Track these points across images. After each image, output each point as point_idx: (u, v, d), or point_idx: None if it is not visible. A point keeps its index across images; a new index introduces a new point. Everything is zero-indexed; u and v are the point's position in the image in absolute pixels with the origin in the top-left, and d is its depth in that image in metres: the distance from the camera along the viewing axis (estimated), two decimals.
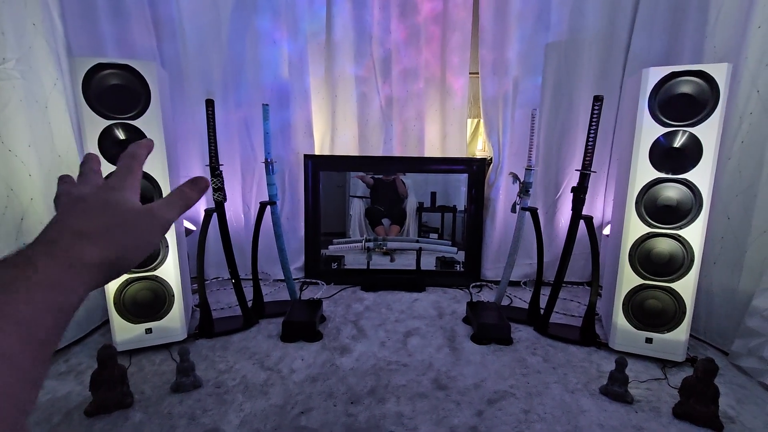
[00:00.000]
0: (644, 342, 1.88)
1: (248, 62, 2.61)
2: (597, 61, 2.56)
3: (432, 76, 2.76)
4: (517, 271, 2.80)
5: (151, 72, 1.75)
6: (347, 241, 2.96)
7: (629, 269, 1.86)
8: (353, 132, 2.80)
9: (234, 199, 2.79)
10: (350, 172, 3.02)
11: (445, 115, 2.82)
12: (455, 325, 2.24)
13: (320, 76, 2.73)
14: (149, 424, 1.46)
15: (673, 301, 1.81)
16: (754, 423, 1.50)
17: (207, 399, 1.60)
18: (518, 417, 1.51)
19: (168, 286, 1.90)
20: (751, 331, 1.80)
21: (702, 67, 1.66)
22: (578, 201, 2.01)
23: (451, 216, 3.01)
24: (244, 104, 2.66)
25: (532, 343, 2.05)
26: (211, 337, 2.04)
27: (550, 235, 2.79)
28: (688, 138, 1.71)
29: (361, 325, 2.23)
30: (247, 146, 2.72)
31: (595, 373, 1.80)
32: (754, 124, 1.85)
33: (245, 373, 1.76)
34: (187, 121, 2.60)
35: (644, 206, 1.81)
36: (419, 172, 2.96)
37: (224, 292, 2.66)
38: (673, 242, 1.79)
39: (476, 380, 1.74)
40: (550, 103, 2.64)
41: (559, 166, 2.73)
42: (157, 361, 1.85)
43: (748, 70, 1.85)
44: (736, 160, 1.92)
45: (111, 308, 1.83)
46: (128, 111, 1.74)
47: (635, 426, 1.47)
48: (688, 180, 1.73)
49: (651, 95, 1.74)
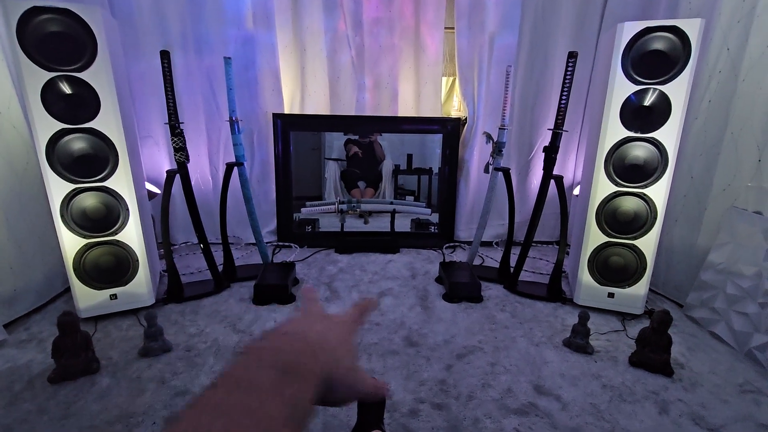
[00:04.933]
0: (606, 297, 1.96)
1: (209, 12, 2.42)
2: (574, 16, 2.50)
3: (406, 30, 2.64)
4: (490, 231, 2.84)
5: (95, 18, 1.59)
6: (320, 204, 2.92)
7: (596, 228, 1.90)
8: (324, 90, 2.69)
9: (200, 161, 2.67)
10: (325, 133, 2.93)
11: (419, 72, 2.72)
12: (428, 285, 2.27)
13: (288, 29, 2.56)
14: (117, 388, 1.44)
15: (635, 257, 1.87)
16: (701, 368, 1.60)
17: (177, 362, 1.58)
18: (485, 369, 1.57)
19: (131, 250, 1.83)
20: (705, 285, 1.90)
21: (675, 22, 1.63)
22: (549, 161, 2.01)
23: (428, 178, 3.00)
24: (206, 58, 2.49)
25: (501, 301, 2.11)
26: (181, 302, 2.01)
27: (523, 195, 2.83)
28: (658, 96, 1.71)
29: (334, 286, 2.24)
30: (211, 104, 2.57)
31: (560, 326, 1.88)
32: (722, 83, 1.86)
33: (216, 336, 1.75)
34: (145, 77, 2.43)
35: (613, 165, 1.83)
36: (392, 132, 2.90)
37: (194, 256, 2.60)
38: (639, 201, 1.83)
39: (446, 337, 1.78)
40: (525, 60, 2.59)
41: (533, 125, 2.72)
42: (125, 326, 1.81)
43: (721, 27, 1.84)
44: (703, 120, 1.94)
45: (71, 274, 1.76)
46: (73, 62, 1.59)
47: (594, 374, 1.56)
48: (656, 139, 1.75)
49: (624, 51, 1.71)
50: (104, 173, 1.73)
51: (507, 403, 1.40)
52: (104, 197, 1.74)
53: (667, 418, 1.35)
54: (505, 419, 1.33)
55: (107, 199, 1.75)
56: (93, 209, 1.73)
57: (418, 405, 1.38)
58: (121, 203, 1.77)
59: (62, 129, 1.63)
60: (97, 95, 1.64)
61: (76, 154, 1.66)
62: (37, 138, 1.61)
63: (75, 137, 1.66)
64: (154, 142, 2.59)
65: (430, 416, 1.34)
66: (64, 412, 1.32)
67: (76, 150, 1.66)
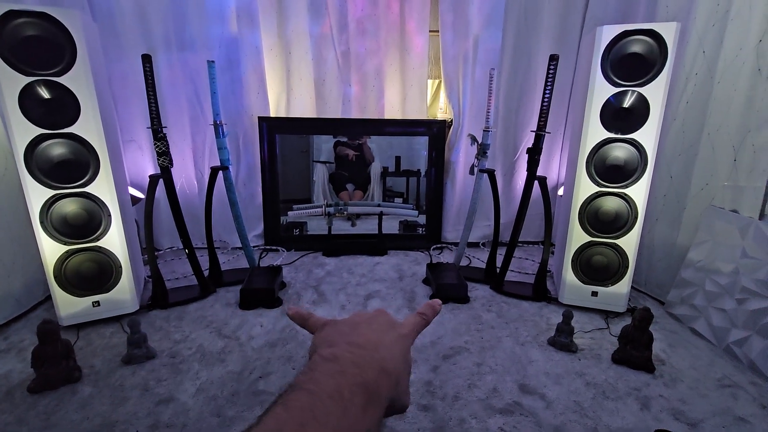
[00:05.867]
0: (590, 295, 1.99)
1: (192, 14, 2.40)
2: (556, 20, 2.54)
3: (391, 33, 2.65)
4: (477, 232, 2.87)
5: (74, 21, 1.57)
6: (307, 207, 2.91)
7: (578, 227, 1.93)
8: (310, 92, 2.68)
9: (185, 165, 2.65)
10: (313, 136, 2.92)
11: (405, 75, 2.74)
12: (415, 287, 2.28)
13: (272, 31, 2.56)
14: (99, 396, 1.42)
15: (618, 256, 1.91)
16: (682, 364, 1.64)
17: (161, 369, 1.56)
18: (471, 370, 1.59)
19: (113, 256, 1.80)
20: (685, 282, 1.94)
21: (652, 26, 1.67)
22: (533, 162, 2.04)
23: (416, 180, 3.01)
24: (189, 61, 2.47)
25: (487, 301, 2.13)
26: (166, 308, 1.99)
27: (508, 196, 2.85)
28: (636, 98, 1.75)
29: (322, 289, 2.23)
30: (196, 107, 2.55)
31: (545, 326, 1.90)
32: (699, 85, 1.91)
33: (201, 342, 1.73)
34: (128, 80, 2.40)
35: (594, 166, 1.86)
36: (379, 134, 2.90)
37: (180, 261, 2.57)
38: (620, 201, 1.86)
39: (433, 338, 1.79)
40: (509, 63, 2.62)
41: (518, 127, 2.75)
42: (108, 334, 1.79)
43: (696, 31, 1.88)
44: (681, 121, 1.99)
45: (52, 282, 1.72)
46: (51, 66, 1.57)
47: (578, 372, 1.58)
48: (635, 140, 1.78)
49: (604, 54, 1.75)
50: (85, 179, 1.70)
51: (492, 402, 1.42)
52: (85, 203, 1.72)
53: (649, 414, 1.38)
54: (491, 419, 1.34)
55: (88, 204, 1.72)
56: (74, 215, 1.70)
57: None
58: (102, 209, 1.75)
59: (41, 134, 1.60)
60: (77, 99, 1.62)
61: (55, 159, 1.64)
62: (15, 143, 1.58)
63: (54, 142, 1.63)
64: (137, 146, 2.56)
65: (416, 418, 1.35)
66: (44, 422, 1.30)
67: (55, 155, 1.64)
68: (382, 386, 0.34)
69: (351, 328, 0.39)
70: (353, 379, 0.32)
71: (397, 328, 0.41)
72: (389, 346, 0.37)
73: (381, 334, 0.39)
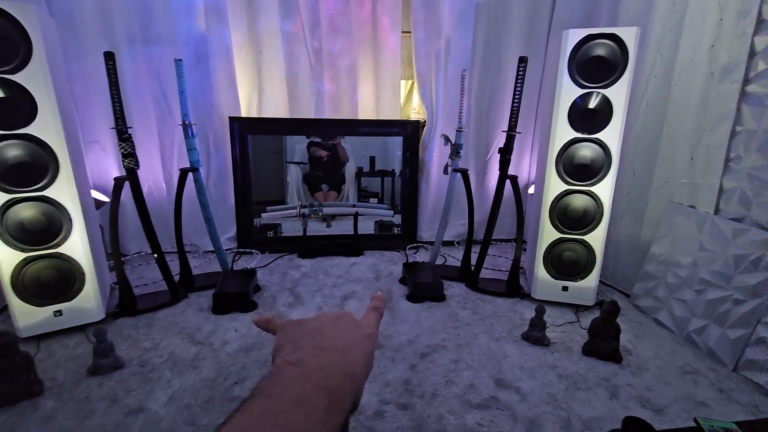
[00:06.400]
0: (561, 290, 2.05)
1: (157, 9, 2.32)
2: (524, 22, 2.60)
3: (364, 31, 2.65)
4: (451, 231, 2.91)
5: (29, 17, 1.48)
6: (281, 208, 2.87)
7: (549, 224, 1.99)
8: (282, 91, 2.64)
9: (153, 167, 2.55)
10: (286, 136, 2.88)
11: (378, 75, 2.74)
12: (392, 286, 2.29)
13: (243, 28, 2.50)
14: (63, 410, 1.35)
15: (586, 251, 1.98)
16: (647, 353, 1.72)
17: (130, 379, 1.50)
18: (448, 367, 1.61)
19: (76, 263, 1.72)
20: (648, 275, 2.03)
21: (614, 30, 1.74)
22: (504, 161, 2.08)
23: (390, 180, 3.01)
24: (155, 57, 2.38)
25: (463, 299, 2.16)
26: (134, 315, 1.91)
27: (481, 195, 2.91)
28: (601, 100, 1.82)
29: (297, 291, 2.21)
30: (162, 106, 2.47)
31: (519, 321, 1.95)
32: (657, 87, 2.00)
33: (173, 349, 1.68)
34: (90, 79, 2.29)
35: (563, 165, 1.92)
36: (352, 134, 2.89)
37: (148, 267, 2.48)
38: (587, 198, 1.93)
39: (410, 337, 1.80)
40: (480, 64, 2.66)
41: (490, 127, 2.80)
42: (71, 344, 1.70)
43: (655, 35, 1.97)
44: (642, 122, 2.08)
45: (8, 291, 1.63)
46: (5, 63, 1.48)
47: (550, 365, 1.63)
48: (601, 139, 1.85)
49: (570, 57, 1.81)
50: (43, 182, 1.61)
51: (469, 398, 1.44)
52: (44, 207, 1.63)
53: (618, 403, 1.44)
54: (468, 414, 1.37)
55: (47, 209, 1.64)
56: (31, 220, 1.61)
57: (383, 406, 1.39)
58: (63, 213, 1.66)
59: None
60: (33, 99, 1.54)
61: (10, 161, 1.54)
62: None
63: (9, 144, 1.54)
64: (100, 147, 2.45)
65: (395, 417, 1.35)
66: None
67: (10, 157, 1.54)
68: (346, 390, 0.34)
69: (317, 331, 0.38)
70: (318, 383, 0.32)
71: (361, 328, 0.41)
72: (355, 349, 0.37)
73: (347, 336, 0.39)
